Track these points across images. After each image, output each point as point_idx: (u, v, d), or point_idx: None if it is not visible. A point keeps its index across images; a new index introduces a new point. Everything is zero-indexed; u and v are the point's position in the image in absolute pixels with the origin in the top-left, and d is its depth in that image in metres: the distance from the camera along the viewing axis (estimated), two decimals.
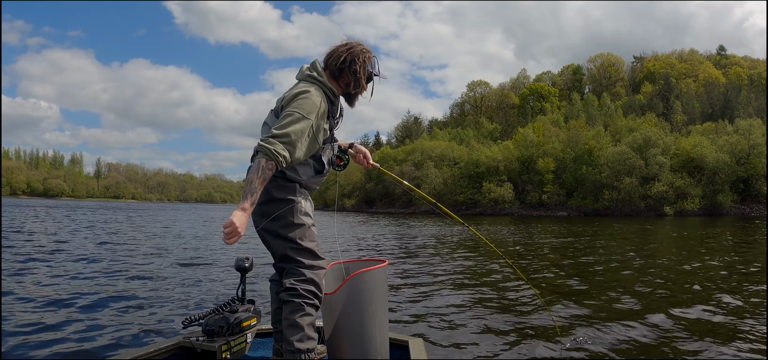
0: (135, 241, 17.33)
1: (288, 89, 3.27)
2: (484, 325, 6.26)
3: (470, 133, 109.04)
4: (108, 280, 9.05)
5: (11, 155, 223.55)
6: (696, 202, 67.02)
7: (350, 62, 3.23)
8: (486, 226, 28.74)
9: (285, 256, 3.19)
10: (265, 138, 2.97)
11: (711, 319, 6.42)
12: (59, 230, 21.96)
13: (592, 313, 6.79)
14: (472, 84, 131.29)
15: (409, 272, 10.87)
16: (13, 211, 40.66)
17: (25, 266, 10.37)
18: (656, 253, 15.04)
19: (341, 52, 3.25)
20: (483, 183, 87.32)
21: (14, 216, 32.93)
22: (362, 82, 3.30)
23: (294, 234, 3.17)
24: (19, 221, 26.84)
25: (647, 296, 8.00)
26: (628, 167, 71.95)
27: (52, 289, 7.86)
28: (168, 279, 9.34)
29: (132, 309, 6.78)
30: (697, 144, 71.99)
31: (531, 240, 19.97)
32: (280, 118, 3.04)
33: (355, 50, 3.26)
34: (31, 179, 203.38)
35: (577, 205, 78.27)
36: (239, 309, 3.82)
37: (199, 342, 3.55)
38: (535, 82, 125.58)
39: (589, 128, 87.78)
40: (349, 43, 3.30)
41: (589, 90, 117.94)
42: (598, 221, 46.48)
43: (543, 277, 10.25)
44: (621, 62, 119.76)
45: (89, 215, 39.92)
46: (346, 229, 28.99)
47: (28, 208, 51.82)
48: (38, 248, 14.03)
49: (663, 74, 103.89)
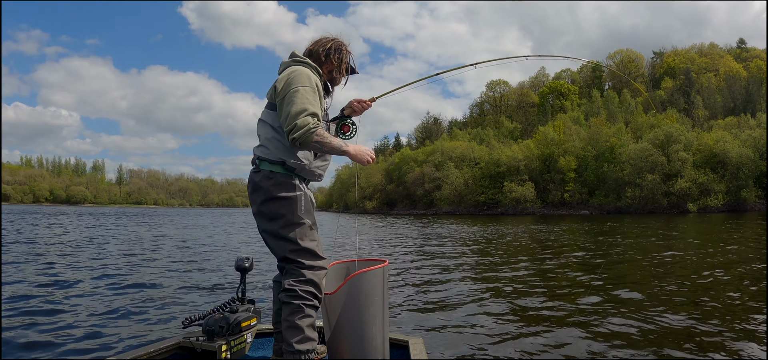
0: (143, 246, 17.50)
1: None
2: (485, 325, 6.24)
3: (490, 133, 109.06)
4: (108, 280, 9.19)
5: (34, 163, 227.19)
6: (719, 198, 66.63)
7: (335, 50, 3.41)
8: (509, 227, 28.43)
9: (285, 257, 3.19)
10: (290, 126, 3.00)
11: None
12: (66, 234, 22.46)
13: (601, 315, 6.62)
14: (492, 83, 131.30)
15: (410, 272, 10.88)
16: (32, 218, 41.50)
17: (27, 267, 10.57)
18: (699, 249, 14.68)
19: (324, 42, 3.42)
20: (504, 183, 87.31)
21: (33, 222, 33.65)
22: (343, 70, 3.46)
23: (294, 234, 3.16)
24: (29, 226, 27.62)
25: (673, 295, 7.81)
26: (650, 164, 71.63)
27: (53, 289, 8.06)
28: (168, 279, 9.44)
29: (132, 309, 6.80)
30: (719, 139, 71.64)
31: (555, 238, 19.69)
32: (285, 102, 3.07)
33: (337, 42, 3.45)
34: (54, 187, 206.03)
35: (600, 203, 78.10)
36: (239, 309, 3.87)
37: (200, 342, 3.58)
38: (555, 80, 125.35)
39: (610, 125, 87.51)
40: (330, 36, 3.50)
41: (609, 87, 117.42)
42: (621, 219, 46.20)
43: (563, 275, 10.18)
44: (640, 58, 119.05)
45: (102, 220, 40.09)
46: (362, 230, 28.99)
47: (46, 216, 52.33)
48: (45, 251, 14.24)
49: (683, 69, 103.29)
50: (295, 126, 2.98)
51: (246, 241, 20.41)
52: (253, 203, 3.27)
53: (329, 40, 3.45)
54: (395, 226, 36.58)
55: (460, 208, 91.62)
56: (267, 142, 3.22)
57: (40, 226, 29.33)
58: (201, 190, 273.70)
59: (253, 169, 3.31)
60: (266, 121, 3.26)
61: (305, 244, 3.17)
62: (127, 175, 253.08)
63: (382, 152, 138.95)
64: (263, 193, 3.17)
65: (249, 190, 3.30)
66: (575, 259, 13.34)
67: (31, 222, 34.62)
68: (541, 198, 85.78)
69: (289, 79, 3.13)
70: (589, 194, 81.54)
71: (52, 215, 55.41)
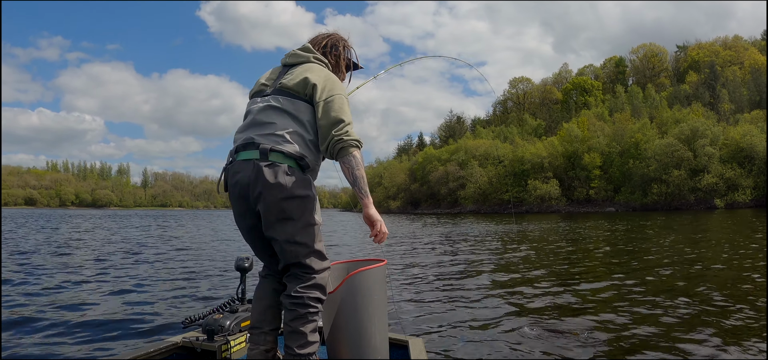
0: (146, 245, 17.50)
1: (291, 70, 3.10)
2: (485, 325, 6.17)
3: (514, 131, 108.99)
4: (108, 280, 9.24)
5: (59, 168, 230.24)
6: (747, 194, 66.35)
7: (332, 47, 3.26)
8: (534, 224, 27.84)
9: (297, 263, 2.89)
10: (340, 130, 2.84)
11: None
12: (71, 236, 22.54)
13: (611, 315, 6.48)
14: (514, 81, 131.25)
15: (411, 272, 10.81)
16: (54, 221, 40.80)
17: (28, 267, 10.65)
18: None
19: (320, 40, 3.28)
20: (528, 180, 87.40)
21: (54, 225, 33.47)
22: (342, 66, 3.31)
23: (309, 237, 2.88)
24: (49, 229, 27.98)
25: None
26: (676, 159, 71.36)
27: (53, 289, 8.13)
28: (168, 279, 9.48)
29: (132, 309, 6.78)
30: (746, 133, 71.13)
31: (579, 237, 18.26)
32: (334, 106, 2.88)
33: (333, 37, 3.30)
34: (80, 190, 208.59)
35: (626, 200, 77.91)
36: (239, 309, 3.83)
37: (199, 342, 3.55)
38: (578, 76, 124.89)
39: (635, 121, 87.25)
40: (327, 32, 3.36)
41: (632, 82, 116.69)
42: (648, 216, 45.84)
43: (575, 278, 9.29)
44: (664, 52, 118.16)
45: (118, 222, 39.05)
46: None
47: (73, 218, 50.60)
48: (47, 251, 14.26)
49: (708, 63, 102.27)
50: (347, 132, 2.84)
51: (239, 239, 20.54)
52: (259, 201, 2.81)
53: (325, 36, 3.30)
54: (415, 224, 35.94)
55: (484, 206, 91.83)
56: (287, 134, 2.87)
57: (62, 228, 29.63)
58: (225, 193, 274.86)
59: (254, 160, 2.82)
60: (285, 110, 2.93)
61: (317, 246, 2.91)
62: (151, 178, 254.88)
63: (406, 151, 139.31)
64: (282, 191, 2.76)
65: (250, 186, 2.82)
66: (595, 259, 12.99)
67: (53, 225, 34.85)
68: (566, 195, 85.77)
69: (332, 82, 2.97)
70: (615, 191, 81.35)
71: (74, 218, 55.75)
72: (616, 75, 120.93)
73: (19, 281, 8.94)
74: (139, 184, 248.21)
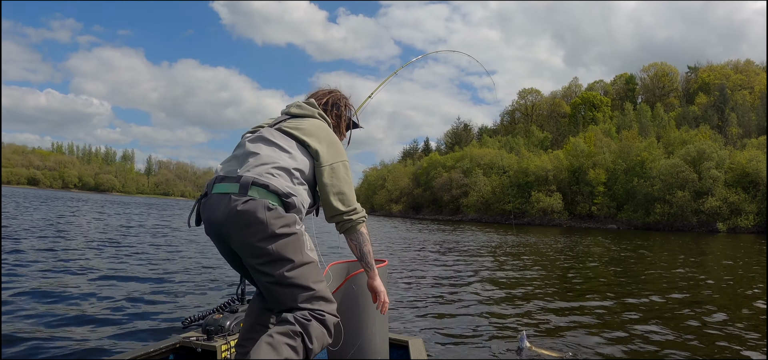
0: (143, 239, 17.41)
1: (296, 120, 2.93)
2: (485, 326, 6.30)
3: (520, 141, 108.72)
4: (108, 279, 9.15)
5: (64, 150, 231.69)
6: (750, 219, 65.80)
7: (333, 106, 3.15)
8: (534, 236, 27.99)
9: (297, 308, 2.50)
10: (350, 210, 2.72)
11: None
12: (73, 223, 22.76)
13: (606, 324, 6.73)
14: (523, 91, 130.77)
15: (412, 274, 10.94)
16: (56, 204, 41.01)
17: (26, 262, 10.41)
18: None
19: (321, 96, 3.16)
20: (532, 192, 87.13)
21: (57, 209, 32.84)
22: (342, 127, 3.19)
23: (305, 278, 2.52)
24: (53, 214, 28.02)
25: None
26: (680, 180, 70.86)
27: (53, 289, 8.02)
28: (168, 279, 9.44)
29: (131, 308, 6.78)
30: (752, 158, 70.49)
31: (578, 251, 18.51)
32: (335, 169, 2.72)
33: (334, 95, 3.18)
34: (83, 174, 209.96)
35: (628, 218, 77.46)
36: (239, 309, 3.84)
37: (199, 342, 3.55)
38: (587, 90, 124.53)
39: (642, 139, 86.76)
40: (328, 88, 3.25)
41: (642, 100, 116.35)
42: (649, 235, 46.01)
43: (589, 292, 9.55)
44: (675, 72, 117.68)
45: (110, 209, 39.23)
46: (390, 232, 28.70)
47: (73, 202, 52.13)
48: (48, 244, 14.03)
49: (718, 85, 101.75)
50: (355, 211, 2.73)
51: None
52: (237, 238, 2.51)
53: (326, 93, 3.18)
54: (417, 228, 36.31)
55: (486, 215, 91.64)
56: (273, 168, 2.59)
57: (64, 213, 29.82)
58: None
59: (231, 194, 2.52)
60: (276, 144, 2.71)
61: (320, 290, 2.56)
62: (155, 166, 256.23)
63: (411, 156, 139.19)
64: (261, 229, 2.44)
65: (224, 221, 2.52)
66: (592, 272, 13.28)
67: (54, 209, 35.02)
68: (568, 210, 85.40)
69: (338, 147, 2.83)
70: (618, 208, 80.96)
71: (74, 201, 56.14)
72: (626, 92, 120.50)
73: (18, 281, 8.71)
74: (142, 172, 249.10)
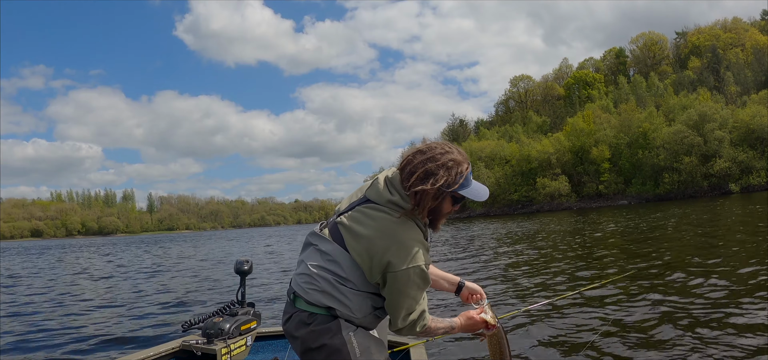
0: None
1: (368, 200, 2.40)
2: None
3: (519, 129, 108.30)
4: (109, 284, 9.23)
5: (64, 197, 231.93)
6: (762, 176, 65.41)
7: (422, 179, 2.24)
8: (544, 223, 27.24)
9: None
10: (409, 329, 2.38)
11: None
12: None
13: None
14: (515, 79, 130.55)
15: None
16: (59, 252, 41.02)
17: (28, 273, 10.50)
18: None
19: (420, 161, 2.28)
20: (537, 179, 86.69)
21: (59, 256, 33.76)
22: (424, 207, 2.28)
23: None
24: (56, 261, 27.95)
25: None
26: (686, 146, 70.66)
27: (54, 293, 8.07)
28: (168, 282, 9.49)
29: (132, 312, 6.79)
30: (755, 114, 70.40)
31: (586, 235, 17.90)
32: (392, 278, 2.26)
33: (433, 166, 2.26)
34: (86, 219, 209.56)
35: (637, 191, 77.16)
36: (239, 312, 3.84)
37: (199, 345, 3.55)
38: (578, 69, 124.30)
39: (641, 110, 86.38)
40: (419, 146, 2.37)
41: (634, 72, 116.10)
42: (663, 207, 45.38)
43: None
44: (664, 40, 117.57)
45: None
46: None
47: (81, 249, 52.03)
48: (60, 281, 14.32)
49: (709, 47, 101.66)
50: (415, 324, 2.37)
51: (241, 249, 20.61)
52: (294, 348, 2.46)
53: (421, 160, 2.29)
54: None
55: (493, 208, 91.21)
56: (318, 279, 2.33)
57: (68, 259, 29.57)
58: (232, 212, 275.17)
59: (288, 302, 2.46)
60: (331, 257, 2.33)
61: None
62: (157, 202, 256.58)
63: None
64: (300, 344, 2.32)
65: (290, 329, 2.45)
66: (602, 258, 12.92)
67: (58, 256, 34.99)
68: (575, 191, 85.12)
69: (397, 250, 2.24)
70: (626, 183, 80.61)
71: (82, 248, 55.70)
72: (617, 66, 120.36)
73: (18, 282, 9.14)
74: (144, 209, 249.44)
